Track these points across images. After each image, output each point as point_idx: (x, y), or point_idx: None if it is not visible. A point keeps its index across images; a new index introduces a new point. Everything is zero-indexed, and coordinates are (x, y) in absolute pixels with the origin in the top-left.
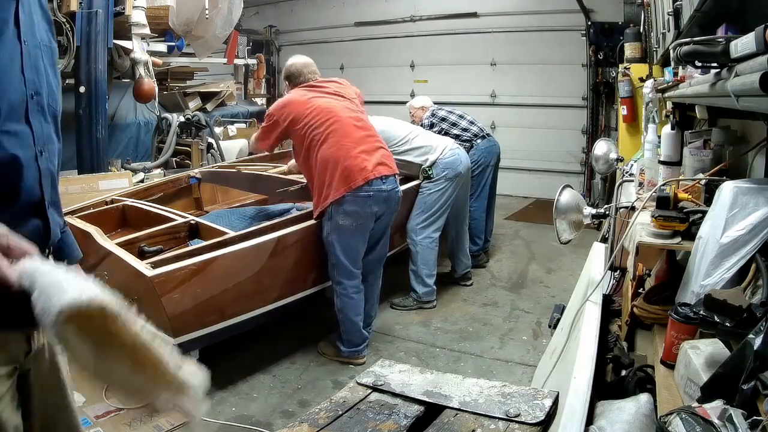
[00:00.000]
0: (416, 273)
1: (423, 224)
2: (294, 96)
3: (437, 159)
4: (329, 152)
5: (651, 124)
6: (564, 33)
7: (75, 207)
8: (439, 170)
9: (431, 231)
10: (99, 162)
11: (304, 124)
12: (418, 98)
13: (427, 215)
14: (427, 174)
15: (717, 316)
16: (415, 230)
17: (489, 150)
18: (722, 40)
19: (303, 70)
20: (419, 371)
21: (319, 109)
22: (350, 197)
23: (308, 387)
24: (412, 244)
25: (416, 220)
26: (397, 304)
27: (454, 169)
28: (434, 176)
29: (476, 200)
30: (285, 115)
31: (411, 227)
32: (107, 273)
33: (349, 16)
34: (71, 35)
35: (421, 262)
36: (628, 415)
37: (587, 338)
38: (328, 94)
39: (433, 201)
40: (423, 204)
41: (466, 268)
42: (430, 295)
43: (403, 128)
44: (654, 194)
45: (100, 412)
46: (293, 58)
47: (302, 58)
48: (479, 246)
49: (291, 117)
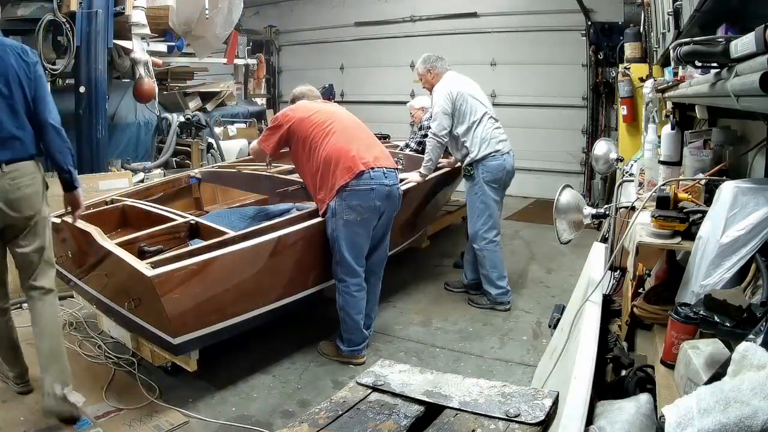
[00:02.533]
0: (487, 277)
1: (483, 228)
2: (299, 103)
3: (483, 154)
4: (331, 149)
5: (651, 124)
6: (564, 33)
7: None
8: (479, 171)
9: (492, 235)
10: (99, 162)
11: (308, 124)
12: (419, 98)
13: (484, 218)
14: (469, 173)
15: (717, 316)
16: (478, 235)
17: None
18: (722, 40)
19: (307, 93)
20: (419, 371)
21: (322, 112)
22: (354, 190)
23: (308, 387)
24: (478, 250)
25: (476, 225)
26: (474, 301)
27: (494, 173)
28: (475, 177)
29: None
30: (291, 116)
31: (473, 233)
32: (107, 273)
33: (349, 16)
34: (71, 35)
35: (489, 265)
36: (628, 415)
37: (587, 338)
38: (327, 105)
39: (485, 204)
40: (476, 209)
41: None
42: (503, 296)
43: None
44: (654, 194)
45: (100, 412)
46: (298, 86)
47: (306, 85)
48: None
49: (296, 118)
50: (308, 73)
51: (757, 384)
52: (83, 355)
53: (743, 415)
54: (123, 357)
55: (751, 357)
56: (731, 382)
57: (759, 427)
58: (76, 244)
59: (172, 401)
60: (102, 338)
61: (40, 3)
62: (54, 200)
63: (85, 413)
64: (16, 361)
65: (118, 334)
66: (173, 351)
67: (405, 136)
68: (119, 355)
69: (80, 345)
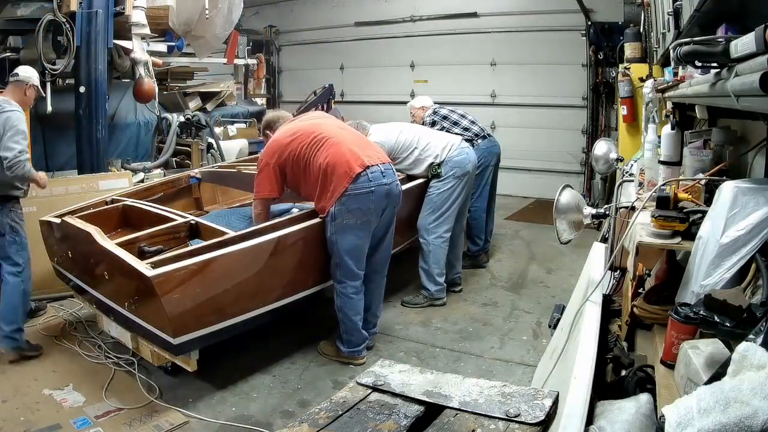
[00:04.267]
0: (428, 272)
1: (434, 223)
2: (277, 134)
3: (446, 157)
4: (324, 159)
5: (651, 124)
6: (564, 33)
7: (75, 207)
8: (448, 168)
9: (443, 231)
10: (99, 162)
11: (295, 146)
12: (419, 98)
13: (438, 214)
14: (436, 172)
15: (717, 316)
16: (427, 229)
17: (489, 150)
18: (722, 40)
19: (278, 118)
20: (419, 371)
21: (303, 128)
22: (353, 194)
23: (308, 387)
24: (424, 244)
25: (427, 220)
26: (408, 302)
27: (463, 167)
28: (443, 174)
29: (477, 200)
30: (275, 147)
31: (422, 226)
32: (107, 273)
33: (349, 16)
34: (71, 35)
35: (432, 261)
36: (628, 415)
37: (587, 338)
38: (305, 120)
39: (443, 200)
40: (432, 203)
41: (457, 274)
42: (441, 292)
43: (405, 133)
44: (654, 194)
45: (100, 412)
46: (267, 114)
47: (276, 111)
48: (479, 246)
49: (281, 147)
50: (308, 73)
51: (757, 384)
52: (83, 355)
53: (743, 415)
54: (123, 357)
55: (751, 357)
56: (731, 382)
57: (759, 427)
58: (76, 244)
59: (172, 401)
60: (102, 338)
61: (40, 3)
62: (54, 200)
63: (85, 413)
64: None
65: (118, 334)
66: (173, 351)
67: None
68: (119, 355)
69: (80, 345)
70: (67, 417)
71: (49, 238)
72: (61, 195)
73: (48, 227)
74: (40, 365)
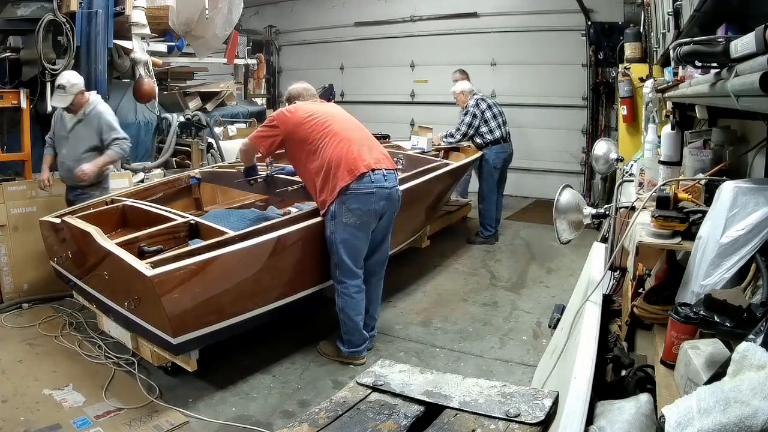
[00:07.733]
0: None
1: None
2: (297, 105)
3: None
4: (332, 151)
5: (651, 124)
6: (564, 33)
7: (75, 207)
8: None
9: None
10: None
11: (306, 127)
12: (459, 83)
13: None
14: None
15: (717, 316)
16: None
17: (498, 154)
18: (722, 40)
19: (303, 92)
20: (419, 371)
21: (320, 113)
22: (354, 192)
23: (308, 387)
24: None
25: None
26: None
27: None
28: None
29: (488, 195)
30: (288, 118)
31: None
32: (107, 273)
33: (349, 16)
34: (71, 35)
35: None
36: (628, 415)
37: (587, 338)
38: (323, 106)
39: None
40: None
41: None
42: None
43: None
44: (654, 194)
45: (100, 412)
46: (294, 83)
47: (303, 83)
48: (491, 232)
49: (294, 121)
50: (308, 73)
51: (757, 384)
52: (83, 355)
53: (743, 415)
54: (123, 357)
55: (751, 357)
56: (731, 382)
57: (759, 427)
58: (76, 244)
59: (172, 401)
60: (102, 338)
61: (40, 3)
62: (54, 200)
63: (85, 413)
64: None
65: (118, 334)
66: (173, 351)
67: (405, 136)
68: (119, 355)
69: (80, 345)
70: (67, 417)
71: (49, 238)
72: (62, 195)
73: (48, 227)
74: (40, 365)
